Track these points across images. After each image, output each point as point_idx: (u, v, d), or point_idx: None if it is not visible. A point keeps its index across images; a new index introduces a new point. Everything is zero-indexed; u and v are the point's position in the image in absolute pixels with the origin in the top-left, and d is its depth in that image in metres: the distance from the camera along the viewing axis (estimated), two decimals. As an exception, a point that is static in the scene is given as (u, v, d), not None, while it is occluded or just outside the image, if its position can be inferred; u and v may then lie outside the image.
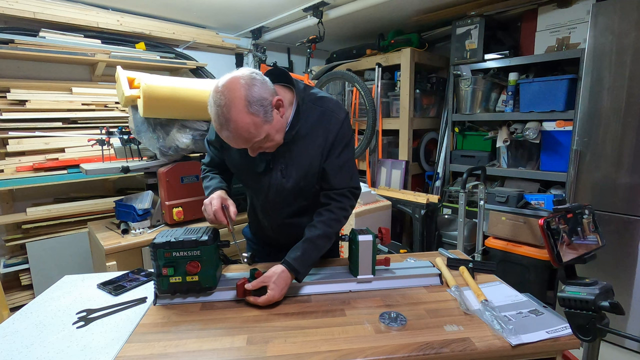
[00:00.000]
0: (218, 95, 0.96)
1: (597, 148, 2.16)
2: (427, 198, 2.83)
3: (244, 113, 0.95)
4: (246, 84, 0.96)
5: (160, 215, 2.03)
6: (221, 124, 0.97)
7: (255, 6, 2.85)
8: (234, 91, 0.95)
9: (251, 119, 0.96)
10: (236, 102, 0.95)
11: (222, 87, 0.96)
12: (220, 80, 0.99)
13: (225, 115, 0.95)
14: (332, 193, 1.16)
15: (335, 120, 1.13)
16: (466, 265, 1.24)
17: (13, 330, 0.95)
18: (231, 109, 0.95)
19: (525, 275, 2.43)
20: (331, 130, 1.12)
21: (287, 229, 1.24)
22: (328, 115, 1.13)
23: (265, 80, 1.02)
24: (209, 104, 0.99)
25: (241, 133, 0.97)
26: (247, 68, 1.03)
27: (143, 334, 0.91)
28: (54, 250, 2.42)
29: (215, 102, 0.96)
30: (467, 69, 2.99)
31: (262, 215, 1.28)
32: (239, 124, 0.96)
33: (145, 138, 1.95)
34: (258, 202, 1.26)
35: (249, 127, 0.97)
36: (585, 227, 0.74)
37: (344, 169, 1.16)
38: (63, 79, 2.65)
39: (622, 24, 2.00)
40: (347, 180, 1.17)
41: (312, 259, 1.11)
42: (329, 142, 1.12)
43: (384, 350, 0.83)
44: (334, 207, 1.15)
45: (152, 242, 1.03)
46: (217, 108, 0.96)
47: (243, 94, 0.95)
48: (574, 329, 0.68)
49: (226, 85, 0.96)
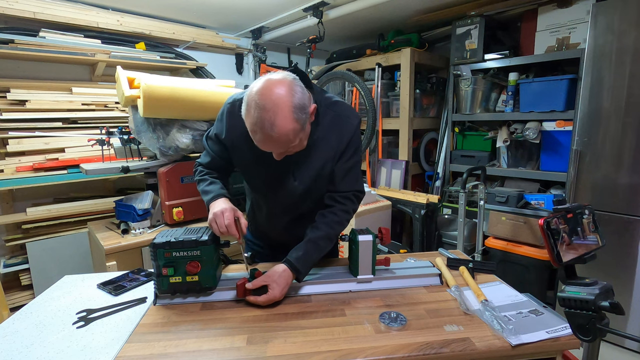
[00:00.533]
0: (263, 98, 0.92)
1: (597, 148, 2.16)
2: (427, 198, 2.83)
3: (289, 119, 0.93)
4: (292, 90, 0.95)
5: (160, 215, 2.03)
6: (263, 128, 0.93)
7: (255, 6, 2.85)
8: (282, 96, 0.93)
9: (294, 126, 0.95)
10: (284, 107, 0.92)
11: (268, 90, 0.93)
12: (262, 83, 0.95)
13: (270, 120, 0.92)
14: (337, 195, 1.17)
15: (350, 126, 1.14)
16: (466, 265, 1.24)
17: (13, 330, 0.95)
18: (278, 114, 0.92)
19: (525, 275, 2.43)
20: (344, 135, 1.13)
21: (291, 230, 1.24)
22: (343, 120, 1.14)
23: (303, 87, 1.01)
24: (247, 106, 0.95)
25: (282, 139, 0.95)
26: (284, 72, 1.00)
27: (143, 334, 0.91)
28: (54, 250, 2.42)
29: (259, 105, 0.92)
30: (467, 69, 2.99)
31: (267, 217, 1.27)
32: (283, 130, 0.93)
33: (145, 138, 1.95)
34: (264, 204, 1.25)
35: (290, 134, 0.95)
36: (585, 227, 0.74)
37: (351, 172, 1.17)
38: (63, 79, 2.65)
39: (622, 24, 2.00)
40: (353, 183, 1.19)
41: (313, 260, 1.12)
42: (341, 146, 1.14)
43: (384, 350, 0.83)
44: (338, 209, 1.16)
45: (152, 242, 1.03)
46: (262, 112, 0.92)
47: (290, 100, 0.93)
48: (574, 329, 0.68)
49: (273, 89, 0.93)
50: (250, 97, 0.95)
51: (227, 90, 2.12)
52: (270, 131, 0.93)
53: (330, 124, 1.13)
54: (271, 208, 1.24)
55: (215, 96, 1.99)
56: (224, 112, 1.17)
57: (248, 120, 0.96)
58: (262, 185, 1.21)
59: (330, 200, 1.17)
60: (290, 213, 1.23)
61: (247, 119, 0.96)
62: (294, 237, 1.16)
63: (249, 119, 0.95)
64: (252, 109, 0.94)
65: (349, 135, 1.14)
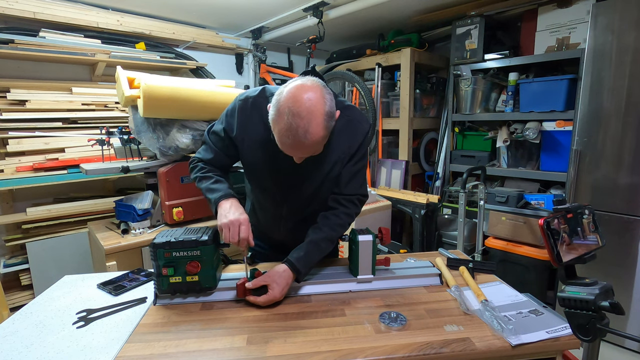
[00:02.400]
0: (298, 105, 0.91)
1: (597, 148, 2.16)
2: (427, 198, 2.83)
3: (321, 127, 0.94)
4: (324, 97, 0.95)
5: (160, 215, 2.03)
6: (296, 135, 0.92)
7: (255, 6, 2.85)
8: (316, 104, 0.93)
9: (324, 133, 0.96)
10: (317, 115, 0.93)
11: (302, 97, 0.92)
12: (295, 88, 0.94)
13: (304, 128, 0.91)
14: (341, 198, 1.17)
15: (361, 131, 1.16)
16: (466, 265, 1.24)
17: (13, 330, 0.95)
18: (312, 122, 0.92)
19: (525, 275, 2.43)
20: (355, 140, 1.15)
21: (294, 232, 1.23)
22: (354, 125, 1.15)
23: (331, 93, 1.01)
24: (278, 112, 0.94)
25: (312, 146, 0.95)
26: (312, 78, 1.00)
27: (143, 334, 0.91)
28: (54, 250, 2.42)
29: (293, 112, 0.91)
30: (467, 69, 2.99)
31: (272, 218, 1.26)
32: (315, 137, 0.93)
33: (145, 138, 1.95)
34: (271, 205, 1.24)
35: (320, 141, 0.96)
36: (585, 227, 0.74)
37: (357, 176, 1.18)
38: (63, 79, 2.65)
39: (622, 24, 2.00)
40: (358, 187, 1.19)
41: (314, 261, 1.12)
42: (351, 150, 1.15)
43: (384, 350, 0.83)
44: (341, 212, 1.16)
45: (152, 242, 1.03)
46: (297, 119, 0.91)
47: (323, 108, 0.94)
48: (574, 329, 0.68)
49: (307, 96, 0.93)
50: (283, 103, 0.94)
51: (227, 90, 2.12)
52: (303, 138, 0.93)
53: (343, 127, 1.13)
54: (277, 209, 1.23)
55: (215, 96, 1.99)
56: (235, 108, 1.15)
57: (279, 126, 0.94)
58: (270, 186, 1.19)
59: (334, 203, 1.17)
60: (296, 215, 1.23)
61: (277, 124, 0.95)
62: (296, 239, 1.16)
63: (280, 124, 0.94)
64: (285, 115, 0.92)
65: (359, 140, 1.15)
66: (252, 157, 1.17)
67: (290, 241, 1.17)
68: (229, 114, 1.17)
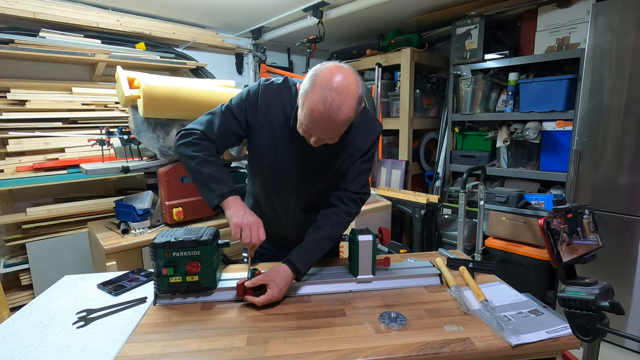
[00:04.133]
0: (338, 81, 0.92)
1: (597, 148, 2.16)
2: (427, 198, 2.83)
3: (352, 107, 0.95)
4: (358, 81, 0.97)
5: (160, 215, 2.03)
6: (330, 108, 0.92)
7: (255, 6, 2.85)
8: (352, 84, 0.95)
9: (352, 115, 0.97)
10: (352, 95, 0.94)
11: (341, 75, 0.93)
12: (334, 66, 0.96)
13: (338, 103, 0.92)
14: (344, 195, 1.17)
15: (375, 131, 1.19)
16: (466, 265, 1.24)
17: (13, 330, 0.95)
18: (347, 99, 0.93)
19: (525, 275, 2.43)
20: (369, 139, 1.17)
21: (299, 225, 1.24)
22: (370, 124, 1.18)
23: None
24: (315, 84, 0.94)
25: (339, 124, 0.96)
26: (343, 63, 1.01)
27: (143, 334, 0.91)
28: (54, 250, 2.42)
29: (331, 86, 0.92)
30: (467, 69, 2.99)
31: (279, 211, 1.24)
32: (345, 115, 0.95)
33: (145, 138, 1.95)
34: (277, 197, 1.22)
35: (347, 122, 0.97)
36: (585, 227, 0.74)
37: (363, 174, 1.20)
38: (63, 79, 2.65)
39: (622, 24, 2.00)
40: (362, 186, 1.20)
41: (314, 260, 1.12)
42: (364, 148, 1.17)
43: (384, 350, 0.83)
44: (342, 210, 1.16)
45: (152, 242, 1.03)
46: (333, 93, 0.92)
47: (357, 89, 0.96)
48: (574, 329, 0.68)
49: (345, 75, 0.94)
50: (320, 76, 0.94)
51: (227, 90, 2.12)
52: (334, 114, 0.93)
53: (360, 125, 1.15)
54: (285, 201, 1.21)
55: (215, 96, 1.99)
56: (259, 91, 1.13)
57: (313, 97, 0.94)
58: (281, 175, 1.16)
59: (336, 200, 1.17)
60: (303, 208, 1.22)
61: (311, 96, 0.94)
62: (299, 233, 1.16)
63: (314, 95, 0.93)
64: (322, 88, 0.93)
65: (372, 140, 1.18)
66: (266, 144, 1.14)
67: (294, 236, 1.18)
68: (251, 95, 1.14)
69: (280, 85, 1.14)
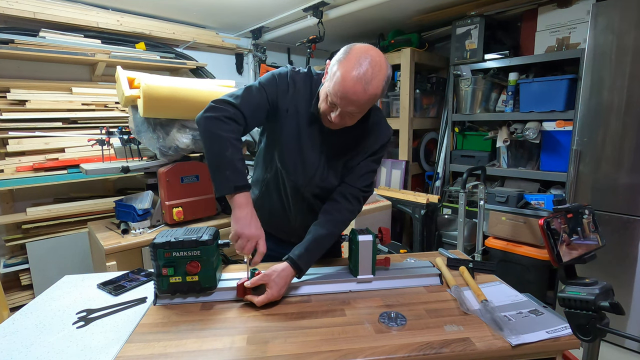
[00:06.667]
0: (373, 56, 0.96)
1: (597, 148, 2.16)
2: (427, 198, 2.83)
3: (380, 84, 0.98)
4: (388, 65, 1.01)
5: (160, 215, 2.03)
6: (362, 77, 0.94)
7: (255, 6, 2.85)
8: (383, 63, 0.98)
9: (378, 93, 0.99)
10: (382, 71, 0.98)
11: (375, 53, 0.98)
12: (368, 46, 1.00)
13: (371, 75, 0.95)
14: (348, 192, 1.18)
15: (387, 133, 1.22)
16: (466, 265, 1.24)
17: (13, 330, 0.95)
18: (378, 74, 0.96)
19: (525, 275, 2.43)
20: (381, 138, 1.20)
21: (303, 216, 1.24)
22: (383, 126, 1.21)
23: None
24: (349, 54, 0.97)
25: (366, 98, 0.97)
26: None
27: (143, 334, 0.91)
28: (54, 250, 2.42)
29: (367, 58, 0.95)
30: (467, 69, 2.99)
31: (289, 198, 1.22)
32: (374, 89, 0.97)
33: (145, 138, 1.95)
34: (291, 186, 1.20)
35: (373, 98, 0.99)
36: (585, 227, 0.74)
37: (370, 173, 1.21)
38: (63, 79, 2.65)
39: (622, 24, 2.00)
40: (367, 185, 1.21)
41: (315, 258, 1.12)
42: (375, 147, 1.19)
43: (384, 350, 0.83)
44: (345, 208, 1.17)
45: (152, 242, 1.03)
46: (368, 64, 0.95)
47: (386, 69, 0.99)
48: (574, 329, 0.68)
49: (379, 54, 0.98)
50: (357, 49, 0.98)
51: (227, 91, 2.12)
52: (366, 83, 0.95)
53: (374, 124, 1.18)
54: (295, 189, 1.19)
55: (215, 96, 1.98)
56: (287, 75, 1.14)
57: (347, 65, 0.96)
58: (298, 160, 1.15)
59: (340, 197, 1.17)
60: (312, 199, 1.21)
61: (345, 64, 0.96)
62: (303, 227, 1.16)
63: (349, 63, 0.96)
64: (357, 57, 0.96)
65: (384, 140, 1.20)
66: (290, 127, 1.13)
67: (297, 227, 1.19)
68: (282, 77, 1.13)
69: (306, 73, 1.17)
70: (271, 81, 1.13)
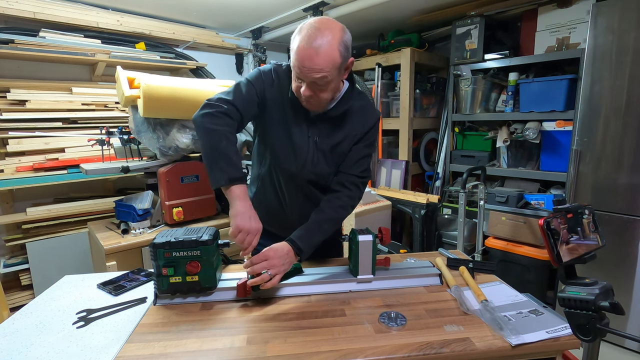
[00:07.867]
0: (320, 23, 1.00)
1: (597, 148, 2.16)
2: (427, 198, 2.83)
3: (335, 47, 1.00)
4: (344, 30, 1.04)
5: (160, 215, 2.03)
6: (313, 41, 0.98)
7: (255, 6, 2.85)
8: (336, 28, 1.01)
9: (336, 55, 1.01)
10: (335, 35, 1.00)
11: (326, 20, 1.02)
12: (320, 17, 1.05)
13: (322, 39, 0.98)
14: (345, 180, 1.20)
15: (373, 116, 1.23)
16: (466, 265, 1.24)
17: (13, 330, 0.95)
18: (329, 37, 0.99)
19: (525, 275, 2.43)
20: (367, 123, 1.21)
21: (300, 208, 1.25)
22: (369, 110, 1.23)
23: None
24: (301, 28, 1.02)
25: (323, 59, 0.99)
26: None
27: (143, 334, 0.91)
28: (54, 250, 2.42)
29: (314, 26, 0.99)
30: (467, 69, 2.99)
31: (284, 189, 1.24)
32: (328, 51, 0.99)
33: (145, 138, 1.95)
34: (284, 177, 1.22)
35: (330, 60, 1.00)
36: (585, 227, 0.74)
37: (364, 159, 1.23)
38: (63, 79, 2.65)
39: (622, 24, 2.00)
40: (363, 170, 1.23)
41: (315, 241, 1.13)
42: (362, 131, 1.20)
43: (384, 350, 0.83)
44: (344, 195, 1.19)
45: (152, 242, 1.03)
46: (316, 31, 0.99)
47: (341, 34, 1.02)
48: (574, 329, 0.68)
49: (330, 21, 1.02)
50: (306, 23, 1.03)
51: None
52: (316, 48, 0.98)
53: (358, 109, 1.21)
54: (290, 179, 1.21)
55: (215, 96, 1.99)
56: (271, 69, 1.19)
57: (298, 37, 1.01)
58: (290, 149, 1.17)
59: (338, 185, 1.20)
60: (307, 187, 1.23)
61: (297, 38, 1.02)
62: (300, 220, 1.17)
63: (300, 35, 1.01)
64: (306, 29, 1.01)
65: (371, 124, 1.22)
66: (278, 117, 1.18)
67: (295, 221, 1.19)
68: (263, 74, 1.19)
69: (288, 66, 1.18)
70: (257, 76, 1.18)
